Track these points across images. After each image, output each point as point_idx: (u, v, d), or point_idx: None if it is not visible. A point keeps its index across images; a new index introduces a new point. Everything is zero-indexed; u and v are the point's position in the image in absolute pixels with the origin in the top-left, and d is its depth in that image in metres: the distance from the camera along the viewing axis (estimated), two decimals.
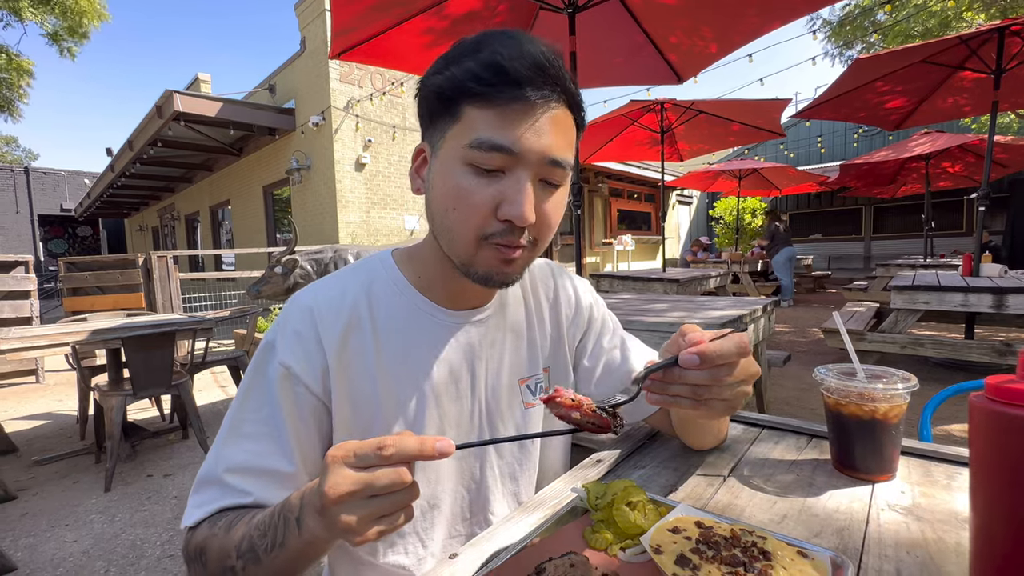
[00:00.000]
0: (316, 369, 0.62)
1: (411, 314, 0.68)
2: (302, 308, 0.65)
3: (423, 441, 0.40)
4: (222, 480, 0.58)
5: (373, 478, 0.38)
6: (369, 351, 0.65)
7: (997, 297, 3.50)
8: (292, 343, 0.63)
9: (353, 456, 0.39)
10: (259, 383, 0.62)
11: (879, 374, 0.69)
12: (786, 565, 0.46)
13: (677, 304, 2.52)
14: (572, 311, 0.81)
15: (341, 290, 0.67)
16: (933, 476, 0.68)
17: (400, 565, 0.67)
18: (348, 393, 0.64)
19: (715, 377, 0.46)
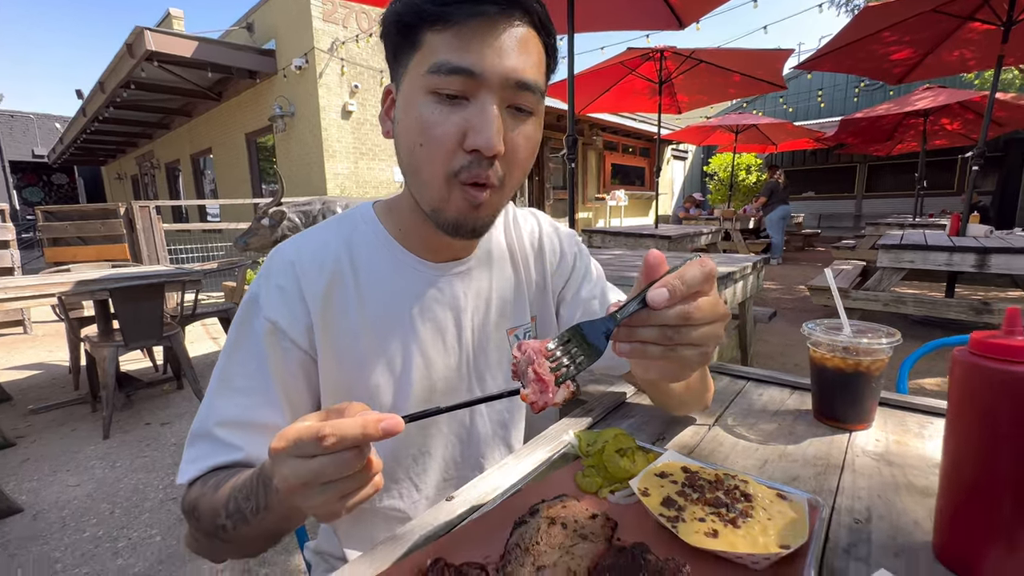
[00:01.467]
0: (301, 324, 0.62)
1: (393, 267, 0.67)
2: (284, 262, 0.64)
3: (366, 423, 0.36)
4: (213, 434, 0.59)
5: (320, 470, 0.36)
6: (352, 306, 0.65)
7: (980, 257, 3.56)
8: (276, 298, 0.62)
9: (294, 446, 0.36)
10: (246, 337, 0.62)
11: (864, 329, 0.71)
12: (765, 506, 0.49)
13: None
14: (556, 259, 0.80)
15: (323, 244, 0.66)
16: (907, 425, 0.71)
17: (396, 508, 0.70)
18: (333, 349, 0.64)
19: (684, 314, 0.39)
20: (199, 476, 0.59)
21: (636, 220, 12.71)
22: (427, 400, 0.69)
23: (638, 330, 0.42)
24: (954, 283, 4.56)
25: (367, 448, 0.38)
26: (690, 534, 0.45)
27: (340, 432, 0.36)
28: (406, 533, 0.50)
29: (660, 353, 0.42)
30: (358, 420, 0.37)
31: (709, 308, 0.41)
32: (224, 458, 0.59)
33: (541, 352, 0.43)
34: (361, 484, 0.39)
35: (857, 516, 0.52)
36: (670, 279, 0.39)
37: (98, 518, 1.94)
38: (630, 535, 0.50)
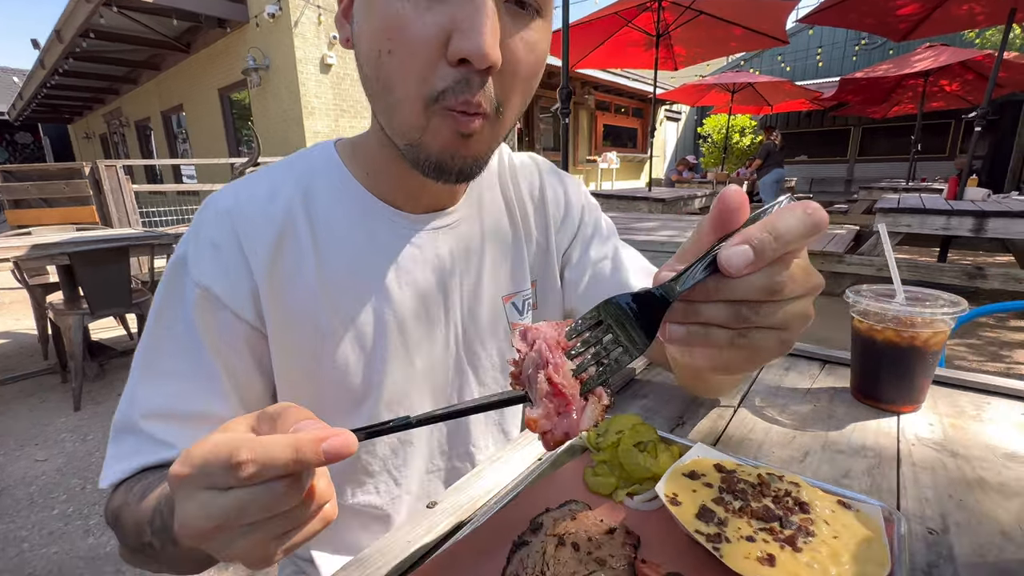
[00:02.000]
0: (243, 290, 0.50)
1: (360, 219, 0.54)
2: (219, 213, 0.51)
3: (300, 445, 0.24)
4: (139, 428, 0.48)
5: (238, 508, 0.25)
6: (308, 267, 0.52)
7: (978, 221, 3.50)
8: (208, 258, 0.49)
9: (200, 474, 0.25)
10: (173, 308, 0.50)
11: (921, 296, 0.61)
12: (828, 519, 0.39)
13: (666, 223, 2.41)
14: (561, 213, 0.68)
15: (270, 190, 0.53)
16: (960, 406, 0.62)
17: (372, 505, 0.59)
18: (286, 321, 0.52)
19: (771, 286, 0.27)
20: (125, 479, 0.48)
21: (627, 183, 12.48)
22: (407, 381, 0.57)
23: (700, 307, 0.29)
24: (947, 248, 4.53)
25: (307, 475, 0.27)
26: (738, 559, 0.35)
27: (264, 457, 0.24)
28: (373, 558, 0.40)
29: (727, 340, 0.29)
30: (289, 440, 0.25)
31: (803, 277, 0.29)
32: (153, 457, 0.47)
33: (558, 345, 0.29)
34: (300, 522, 0.28)
35: (931, 525, 0.42)
36: (754, 232, 0.26)
37: (68, 494, 1.84)
38: (656, 552, 0.40)
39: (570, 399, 0.28)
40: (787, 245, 0.26)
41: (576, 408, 0.28)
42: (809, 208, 0.27)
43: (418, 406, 0.59)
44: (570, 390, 0.28)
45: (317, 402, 0.55)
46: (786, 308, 0.29)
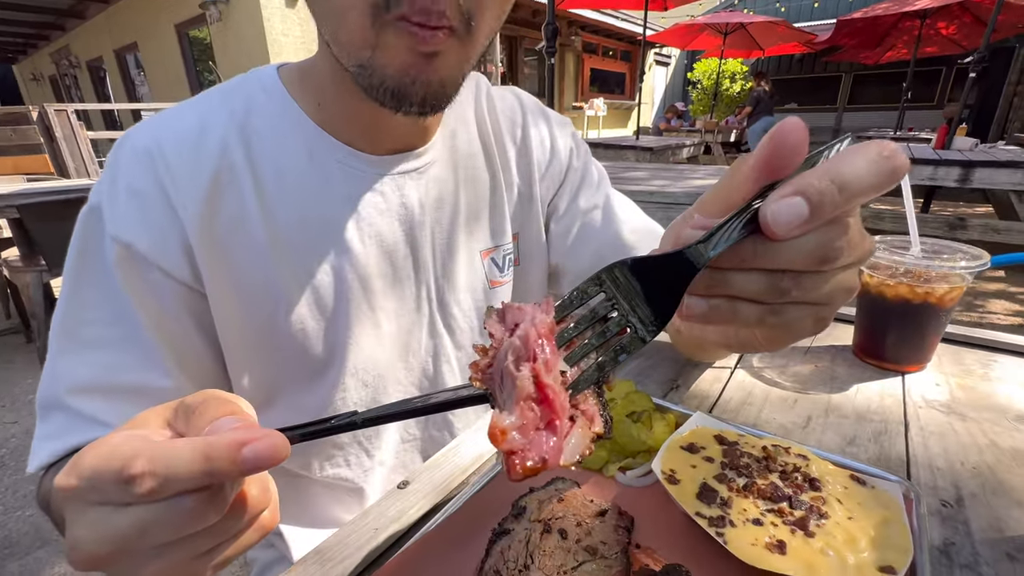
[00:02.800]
0: (172, 246, 0.42)
1: (313, 162, 0.46)
2: (137, 152, 0.42)
3: (211, 452, 0.19)
4: (65, 404, 0.41)
5: (140, 533, 0.19)
6: (253, 218, 0.44)
7: (964, 171, 3.49)
8: (127, 208, 0.41)
9: (89, 488, 0.20)
10: (91, 268, 0.42)
11: (939, 249, 0.56)
12: (841, 497, 0.35)
13: (656, 172, 2.32)
14: (546, 158, 0.60)
15: (198, 124, 0.44)
16: (967, 364, 0.59)
17: (343, 478, 0.55)
18: (230, 282, 0.45)
19: (824, 252, 0.21)
20: (56, 460, 0.42)
21: (614, 132, 12.13)
22: (376, 346, 0.51)
23: (730, 276, 0.23)
24: (931, 199, 4.54)
25: (231, 484, 0.21)
26: (745, 547, 0.31)
27: (165, 469, 0.19)
28: (335, 549, 0.35)
29: (756, 317, 0.23)
30: (198, 447, 0.19)
31: (859, 242, 0.23)
32: (87, 435, 0.41)
33: (551, 334, 0.22)
34: (227, 537, 0.22)
35: (944, 497, 0.39)
36: (812, 180, 0.20)
37: None
38: (652, 535, 0.36)
39: (558, 411, 0.21)
40: (852, 199, 0.20)
41: (560, 424, 0.21)
42: (885, 150, 0.20)
43: (389, 374, 0.53)
44: (560, 399, 0.21)
45: (274, 374, 0.49)
46: (834, 280, 0.23)
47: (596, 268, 0.64)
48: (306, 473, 0.55)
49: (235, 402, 0.23)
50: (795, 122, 0.21)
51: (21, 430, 1.95)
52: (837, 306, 0.25)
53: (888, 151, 0.20)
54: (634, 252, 0.57)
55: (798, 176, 0.20)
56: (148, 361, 0.43)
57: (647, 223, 0.62)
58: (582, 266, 0.60)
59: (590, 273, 0.24)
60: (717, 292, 0.23)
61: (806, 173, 0.20)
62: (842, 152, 0.21)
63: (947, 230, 3.68)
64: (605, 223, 0.60)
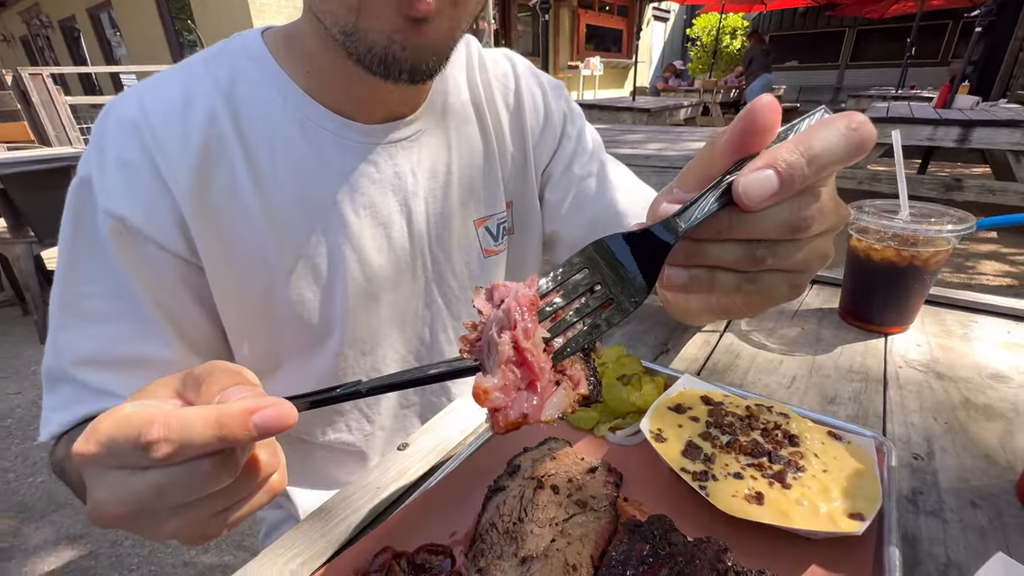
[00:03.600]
0: (165, 219, 0.42)
1: (303, 132, 0.46)
2: (123, 123, 0.42)
3: (223, 421, 0.20)
4: (71, 376, 0.43)
5: (156, 490, 0.21)
6: (244, 189, 0.44)
7: (964, 131, 3.44)
8: (117, 180, 0.41)
9: (108, 454, 0.21)
10: (86, 242, 0.42)
11: (927, 212, 0.56)
12: (818, 452, 0.37)
13: (653, 135, 2.29)
14: (540, 123, 0.59)
15: (183, 95, 0.43)
16: (947, 325, 0.60)
17: (345, 443, 0.57)
18: (226, 256, 0.45)
19: (796, 221, 0.22)
20: (68, 430, 0.43)
21: (611, 92, 11.81)
22: (373, 317, 0.52)
23: (707, 247, 0.24)
24: (929, 159, 4.51)
25: (242, 450, 0.22)
26: (726, 499, 0.33)
27: (180, 436, 0.20)
28: (340, 507, 0.37)
29: (734, 285, 0.24)
30: (211, 415, 0.20)
31: (831, 209, 0.23)
32: (95, 406, 0.43)
33: (533, 306, 0.23)
34: (239, 499, 0.24)
35: (916, 451, 0.41)
36: (783, 153, 0.20)
37: None
38: (640, 489, 0.38)
39: (537, 372, 0.22)
40: (822, 170, 0.21)
41: (542, 385, 0.22)
42: (853, 122, 0.21)
43: (386, 343, 0.54)
44: (539, 362, 0.22)
45: (273, 345, 0.50)
46: (807, 247, 0.24)
47: (591, 237, 0.65)
48: (309, 438, 0.57)
49: (241, 372, 0.24)
50: (767, 102, 0.21)
51: (26, 400, 1.98)
52: (812, 272, 0.26)
53: (856, 123, 0.21)
54: (629, 220, 0.58)
55: (770, 149, 0.21)
56: (148, 333, 0.44)
57: (642, 190, 0.62)
58: (577, 235, 0.61)
59: (585, 241, 0.25)
60: (696, 263, 0.24)
61: (777, 146, 0.21)
62: (813, 124, 0.21)
63: (943, 191, 3.67)
64: (600, 191, 0.60)
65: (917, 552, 0.33)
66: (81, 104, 5.36)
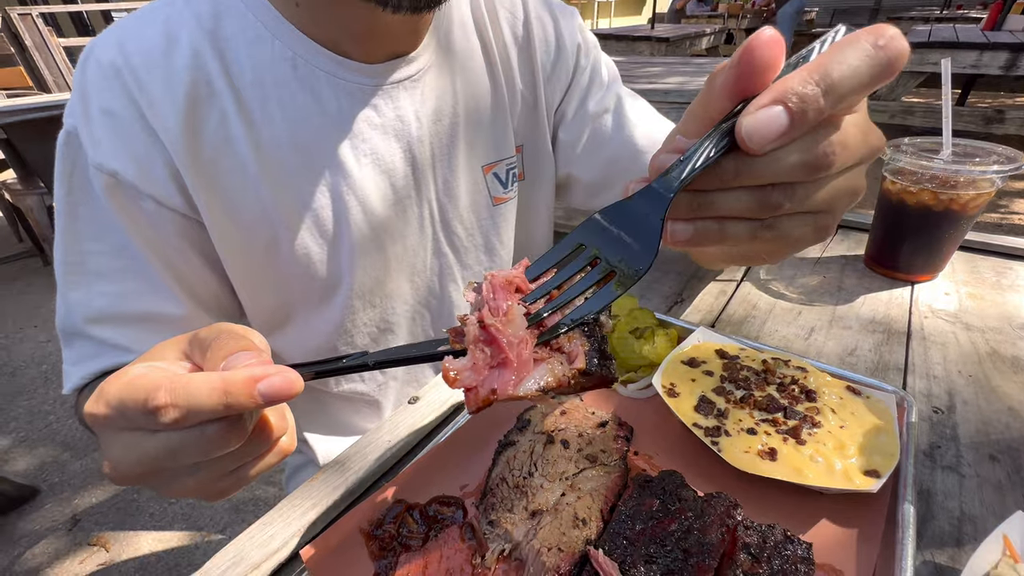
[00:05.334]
0: (159, 171, 0.40)
1: (296, 72, 0.42)
2: (103, 69, 0.39)
3: (229, 388, 0.19)
4: (86, 332, 0.43)
5: (168, 452, 0.21)
6: (239, 138, 0.42)
7: (1013, 55, 3.16)
8: (104, 132, 0.39)
9: (119, 416, 0.21)
10: (82, 199, 0.41)
11: (971, 151, 0.52)
12: (835, 407, 0.36)
13: (673, 67, 2.14)
14: (551, 57, 0.54)
15: (165, 34, 0.40)
16: (980, 272, 0.57)
17: (358, 392, 0.58)
18: (224, 208, 0.43)
19: (815, 160, 0.19)
20: (89, 382, 0.44)
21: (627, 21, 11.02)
22: (380, 268, 0.51)
23: (713, 197, 0.21)
24: (969, 90, 4.19)
25: (250, 414, 0.22)
26: (738, 455, 0.33)
27: (187, 402, 0.20)
28: (352, 460, 0.38)
29: (748, 233, 0.22)
30: (216, 382, 0.20)
31: (859, 141, 0.20)
32: (114, 360, 0.43)
33: (510, 285, 0.22)
34: (251, 459, 0.24)
35: (937, 404, 0.40)
36: (794, 85, 0.18)
37: None
38: (650, 443, 0.38)
39: (505, 348, 0.21)
40: (843, 99, 0.18)
41: (515, 360, 0.21)
42: (881, 37, 0.18)
43: (396, 294, 0.53)
44: (507, 337, 0.21)
45: (282, 298, 0.50)
46: (831, 185, 0.21)
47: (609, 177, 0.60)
48: (325, 388, 0.58)
49: (248, 336, 0.23)
50: (768, 37, 0.18)
51: (57, 348, 2.05)
52: (840, 212, 0.23)
53: (884, 39, 0.18)
54: (647, 158, 0.54)
55: (779, 81, 0.18)
56: (156, 289, 0.44)
57: (663, 125, 0.58)
58: (593, 175, 0.57)
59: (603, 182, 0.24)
60: (703, 215, 0.22)
61: (788, 76, 0.18)
62: (834, 45, 0.18)
63: (982, 123, 3.44)
64: (617, 127, 0.55)
65: (931, 506, 0.33)
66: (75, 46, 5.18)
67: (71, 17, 8.89)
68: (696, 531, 0.28)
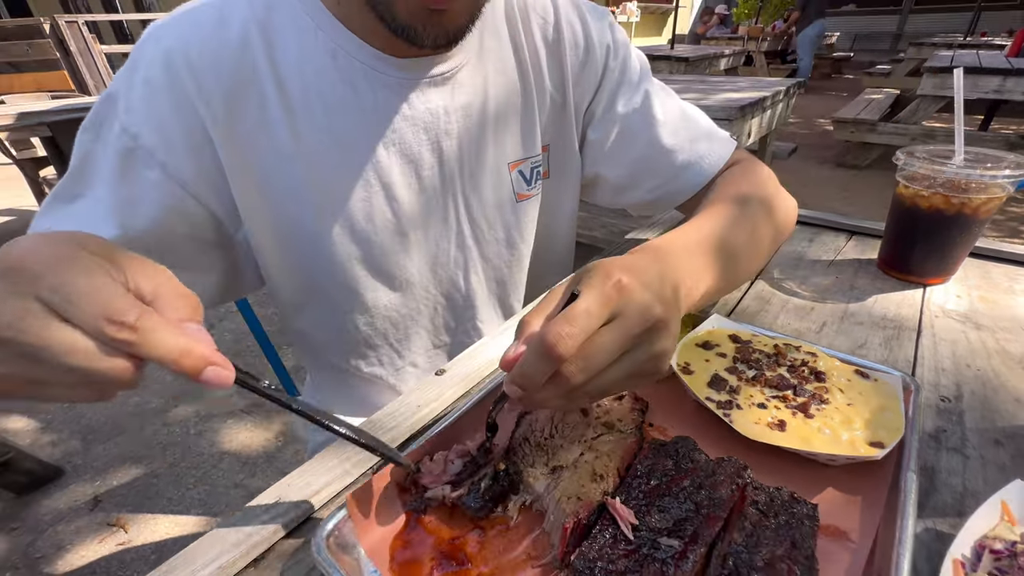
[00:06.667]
0: (180, 141, 0.43)
1: (336, 64, 0.45)
2: (159, 46, 0.42)
3: (191, 353, 0.23)
4: None
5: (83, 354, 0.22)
6: (277, 122, 0.45)
7: None
8: (142, 99, 0.42)
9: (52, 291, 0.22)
10: (96, 152, 0.43)
11: (983, 158, 0.54)
12: (843, 387, 0.38)
13: (690, 85, 2.18)
14: (580, 58, 0.57)
15: (220, 21, 0.43)
16: (992, 278, 0.59)
17: (377, 376, 0.61)
18: (256, 182, 0.46)
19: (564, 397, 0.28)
20: None
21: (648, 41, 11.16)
22: (403, 255, 0.54)
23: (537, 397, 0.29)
24: (993, 115, 4.16)
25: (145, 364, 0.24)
26: (748, 425, 0.35)
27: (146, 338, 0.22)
28: (384, 420, 0.40)
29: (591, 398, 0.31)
30: (181, 343, 0.23)
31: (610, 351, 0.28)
32: None
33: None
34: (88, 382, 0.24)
35: (944, 393, 0.42)
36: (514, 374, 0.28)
37: None
38: (665, 419, 0.40)
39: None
40: (538, 388, 0.28)
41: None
42: (547, 339, 0.26)
43: (417, 281, 0.56)
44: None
45: (305, 279, 0.53)
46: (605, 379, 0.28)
47: (635, 176, 0.66)
48: (347, 367, 0.60)
49: (193, 305, 0.25)
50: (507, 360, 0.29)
51: None
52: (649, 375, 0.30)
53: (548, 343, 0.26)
54: (676, 156, 0.57)
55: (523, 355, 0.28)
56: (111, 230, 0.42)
57: (690, 123, 0.59)
58: (620, 173, 0.60)
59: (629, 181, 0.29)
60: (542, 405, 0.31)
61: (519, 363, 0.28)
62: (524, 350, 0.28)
63: (1006, 148, 3.39)
64: (644, 126, 0.58)
65: (935, 482, 0.34)
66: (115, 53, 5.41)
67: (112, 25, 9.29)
68: (707, 487, 0.30)
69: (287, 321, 0.60)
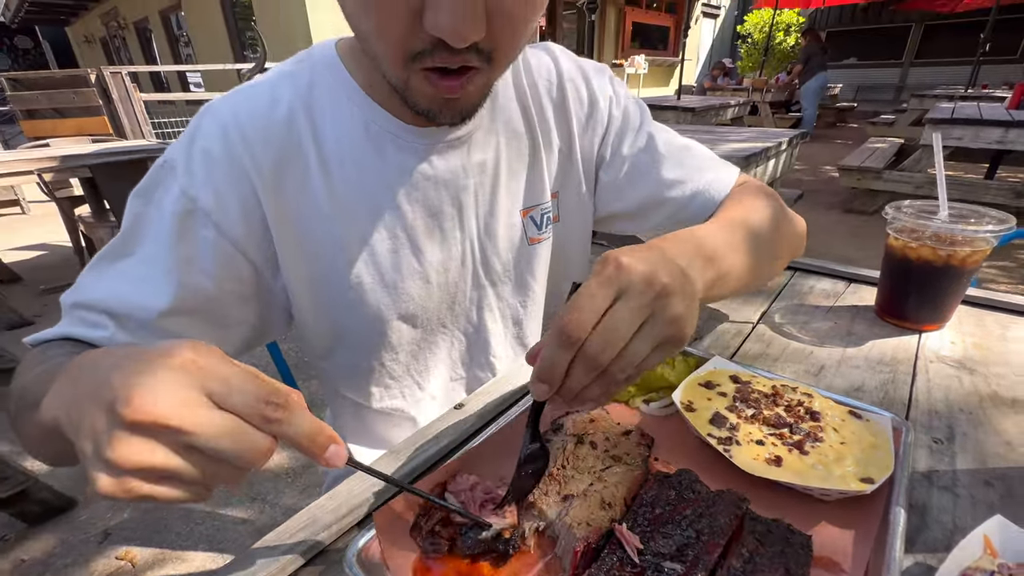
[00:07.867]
0: (236, 206, 0.48)
1: (366, 135, 0.52)
2: (216, 121, 0.48)
3: (324, 435, 0.27)
4: (69, 313, 0.46)
5: (235, 433, 0.25)
6: (317, 186, 0.51)
7: None
8: (201, 166, 0.47)
9: (214, 379, 0.26)
10: (150, 215, 0.47)
11: (966, 214, 0.58)
12: (837, 427, 0.41)
13: (695, 134, 2.27)
14: (584, 112, 0.63)
15: (271, 102, 0.49)
16: (986, 325, 0.61)
17: (397, 409, 0.64)
18: (296, 236, 0.51)
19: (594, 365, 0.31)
20: (44, 342, 0.46)
21: (655, 91, 11.60)
22: (425, 296, 0.58)
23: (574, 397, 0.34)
24: (998, 164, 4.22)
25: None
26: (747, 460, 0.38)
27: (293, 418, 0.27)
28: (405, 450, 0.44)
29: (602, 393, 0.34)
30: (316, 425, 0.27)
31: (627, 323, 0.31)
32: (82, 330, 0.45)
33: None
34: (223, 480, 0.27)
35: (936, 435, 0.44)
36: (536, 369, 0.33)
37: None
38: (669, 455, 0.43)
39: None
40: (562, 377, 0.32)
41: None
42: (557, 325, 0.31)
43: (436, 319, 0.60)
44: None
45: (334, 325, 0.57)
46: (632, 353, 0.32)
47: (643, 208, 0.74)
48: (366, 403, 0.64)
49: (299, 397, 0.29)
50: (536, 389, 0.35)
51: None
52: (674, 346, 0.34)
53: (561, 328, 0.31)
54: (684, 187, 0.61)
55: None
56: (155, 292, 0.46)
57: (692, 158, 0.64)
58: (629, 206, 0.65)
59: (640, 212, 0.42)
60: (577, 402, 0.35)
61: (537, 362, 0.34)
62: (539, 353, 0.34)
63: (1013, 197, 3.45)
64: (649, 163, 0.63)
65: (926, 519, 0.36)
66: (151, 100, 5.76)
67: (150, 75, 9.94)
68: (708, 516, 0.33)
69: (313, 360, 0.65)
